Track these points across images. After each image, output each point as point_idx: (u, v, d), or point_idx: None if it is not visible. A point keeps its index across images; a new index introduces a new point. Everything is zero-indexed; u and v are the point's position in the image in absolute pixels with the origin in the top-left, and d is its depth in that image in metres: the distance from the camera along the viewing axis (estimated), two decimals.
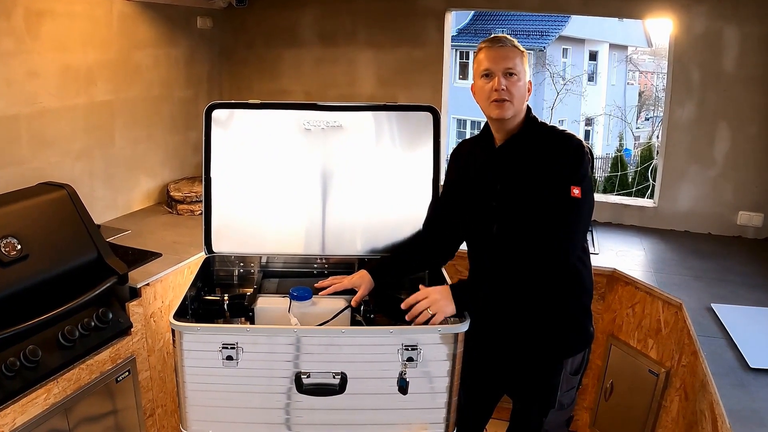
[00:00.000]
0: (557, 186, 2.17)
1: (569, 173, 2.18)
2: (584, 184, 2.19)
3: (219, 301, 2.56)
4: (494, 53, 2.24)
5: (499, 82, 2.21)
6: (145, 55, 3.90)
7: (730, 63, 3.64)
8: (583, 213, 2.21)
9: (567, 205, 2.16)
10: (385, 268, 2.61)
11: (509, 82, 2.22)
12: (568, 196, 2.16)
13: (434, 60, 4.27)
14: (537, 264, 2.19)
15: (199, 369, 2.17)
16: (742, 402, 2.06)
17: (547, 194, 2.18)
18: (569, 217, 2.18)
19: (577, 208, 2.17)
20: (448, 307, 2.19)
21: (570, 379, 2.43)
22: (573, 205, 2.16)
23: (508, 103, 2.22)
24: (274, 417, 2.23)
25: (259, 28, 4.56)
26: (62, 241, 2.68)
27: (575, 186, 2.16)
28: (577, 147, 2.21)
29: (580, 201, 2.17)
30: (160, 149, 4.15)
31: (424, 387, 2.21)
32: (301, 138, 2.77)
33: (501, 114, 2.24)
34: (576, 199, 2.16)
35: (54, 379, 2.44)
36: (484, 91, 2.25)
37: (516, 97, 2.23)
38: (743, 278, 3.14)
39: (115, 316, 2.72)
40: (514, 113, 2.25)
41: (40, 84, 3.19)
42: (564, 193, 2.16)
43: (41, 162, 3.25)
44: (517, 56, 2.24)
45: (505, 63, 2.22)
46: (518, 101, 2.24)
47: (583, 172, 2.20)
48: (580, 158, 2.20)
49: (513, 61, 2.23)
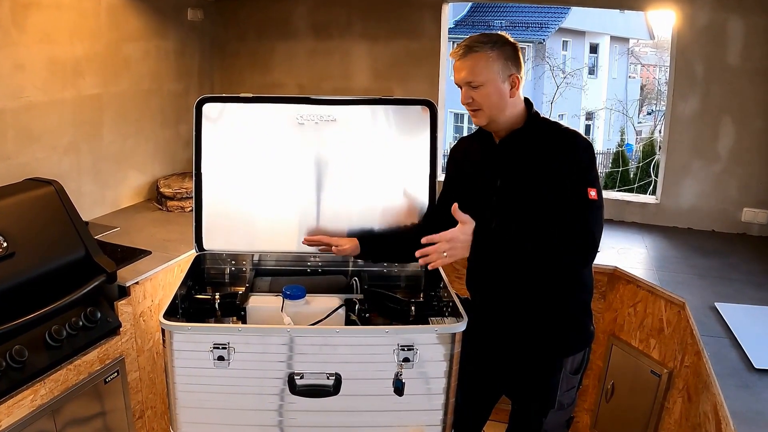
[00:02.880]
0: (573, 189, 2.17)
1: (584, 175, 2.19)
2: (597, 184, 2.20)
3: (210, 300, 2.56)
4: (459, 65, 2.26)
5: (464, 96, 2.26)
6: (135, 48, 3.89)
7: (735, 55, 3.63)
8: (600, 214, 2.21)
9: (585, 207, 2.16)
10: (375, 244, 2.64)
11: (474, 92, 2.24)
12: (586, 198, 2.16)
13: (431, 53, 4.27)
14: (568, 243, 2.16)
15: (189, 370, 2.17)
16: (747, 403, 2.05)
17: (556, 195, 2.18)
18: (589, 219, 2.17)
19: (595, 209, 2.18)
20: (464, 252, 2.15)
21: (570, 379, 2.43)
22: (591, 207, 2.17)
23: (480, 111, 2.26)
24: (266, 419, 2.24)
25: (251, 20, 4.55)
26: (49, 239, 2.67)
27: (591, 188, 2.17)
28: (587, 147, 2.23)
29: (597, 203, 2.18)
30: (150, 144, 4.14)
31: (420, 388, 2.22)
32: (295, 132, 2.77)
33: (476, 122, 2.31)
34: (593, 201, 2.17)
35: (41, 380, 2.44)
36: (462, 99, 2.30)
37: (485, 105, 2.25)
38: (748, 276, 3.14)
39: (103, 315, 2.72)
40: (488, 120, 2.28)
41: (27, 77, 3.18)
42: (581, 196, 2.16)
43: (27, 157, 3.25)
44: (479, 62, 2.22)
45: (466, 77, 2.24)
46: (489, 108, 2.25)
47: (595, 173, 2.21)
48: (591, 158, 2.22)
49: (473, 72, 2.22)
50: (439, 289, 2.65)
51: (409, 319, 2.56)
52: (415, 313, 2.58)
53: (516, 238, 2.16)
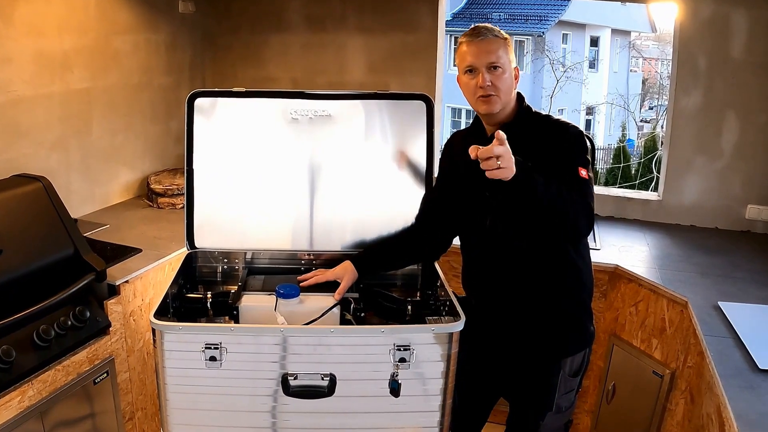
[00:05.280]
0: (564, 168, 2.18)
1: (575, 156, 2.21)
2: (588, 168, 2.21)
3: (202, 299, 2.55)
4: (476, 48, 2.25)
5: (483, 79, 2.23)
6: (124, 41, 3.88)
7: (738, 49, 3.63)
8: (592, 193, 2.22)
9: (578, 183, 2.16)
10: (371, 260, 2.62)
11: (494, 76, 2.24)
12: (578, 176, 2.17)
13: (428, 46, 4.27)
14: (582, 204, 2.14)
15: (180, 370, 2.16)
16: (751, 405, 2.06)
17: None
18: (584, 192, 2.17)
19: (587, 186, 2.18)
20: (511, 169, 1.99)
21: (569, 381, 2.43)
22: (583, 184, 2.17)
23: (495, 97, 2.25)
24: (259, 421, 2.23)
25: (243, 13, 4.54)
26: (37, 236, 2.67)
27: (581, 167, 2.19)
28: (577, 134, 2.25)
29: (589, 181, 2.19)
30: (140, 140, 4.13)
31: (417, 389, 2.21)
32: (288, 128, 2.76)
33: (489, 109, 2.27)
34: (585, 179, 2.18)
35: (28, 381, 2.43)
36: (470, 87, 2.28)
37: (502, 90, 2.25)
38: (752, 275, 3.15)
39: (92, 314, 2.71)
40: (502, 106, 2.28)
41: (14, 71, 3.17)
42: (573, 173, 2.17)
43: (15, 153, 3.23)
44: (500, 47, 2.25)
45: (488, 57, 2.24)
46: (505, 94, 2.27)
47: (587, 158, 2.22)
48: (582, 143, 2.23)
49: (496, 54, 2.24)
50: (436, 288, 2.65)
51: (405, 319, 2.55)
52: (412, 312, 2.57)
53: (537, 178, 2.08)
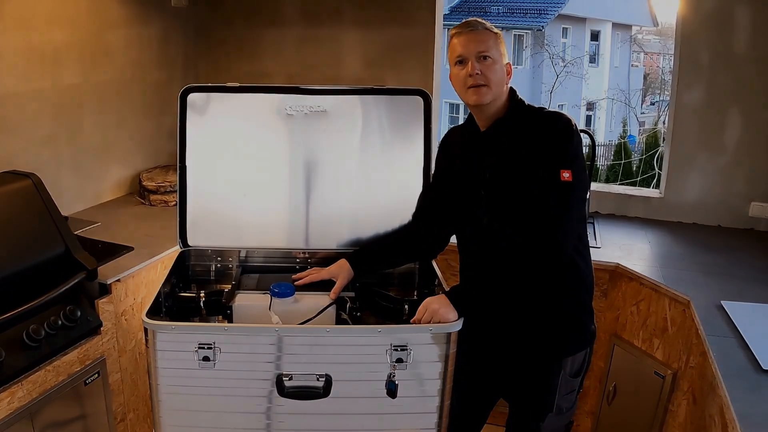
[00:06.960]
0: (545, 170, 2.17)
1: (557, 155, 2.18)
2: (575, 166, 2.17)
3: (195, 298, 2.55)
4: (466, 38, 2.26)
5: (473, 67, 2.23)
6: (116, 36, 3.87)
7: (742, 43, 3.63)
8: (575, 198, 2.20)
9: (556, 190, 2.15)
10: (367, 258, 2.62)
11: (483, 66, 2.24)
12: (558, 180, 2.15)
13: (425, 40, 4.26)
14: (530, 259, 2.19)
15: (173, 371, 2.16)
16: (754, 406, 2.06)
17: (535, 181, 2.18)
18: (560, 204, 2.16)
19: (567, 192, 2.16)
20: (450, 314, 2.18)
21: (569, 382, 2.43)
22: (563, 190, 2.15)
23: (485, 87, 2.24)
24: (253, 422, 2.23)
25: (237, 6, 4.53)
26: (27, 234, 2.66)
27: (564, 169, 2.16)
28: (564, 126, 2.21)
29: (571, 185, 2.16)
30: (132, 136, 4.13)
31: (414, 390, 2.21)
32: (283, 123, 2.76)
33: (479, 99, 2.26)
34: (566, 183, 2.15)
35: (18, 382, 2.43)
36: (460, 78, 2.28)
37: (493, 81, 2.25)
38: (755, 273, 3.15)
39: (83, 314, 2.71)
40: (492, 97, 2.27)
41: (3, 66, 3.17)
42: (552, 177, 2.16)
43: (4, 149, 3.23)
44: (490, 39, 2.27)
45: (477, 47, 2.24)
46: (496, 85, 2.26)
47: (572, 153, 2.19)
48: (568, 138, 2.19)
49: (486, 44, 2.25)
50: (434, 287, 2.65)
51: (402, 318, 2.55)
52: (409, 311, 2.56)
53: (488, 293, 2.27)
